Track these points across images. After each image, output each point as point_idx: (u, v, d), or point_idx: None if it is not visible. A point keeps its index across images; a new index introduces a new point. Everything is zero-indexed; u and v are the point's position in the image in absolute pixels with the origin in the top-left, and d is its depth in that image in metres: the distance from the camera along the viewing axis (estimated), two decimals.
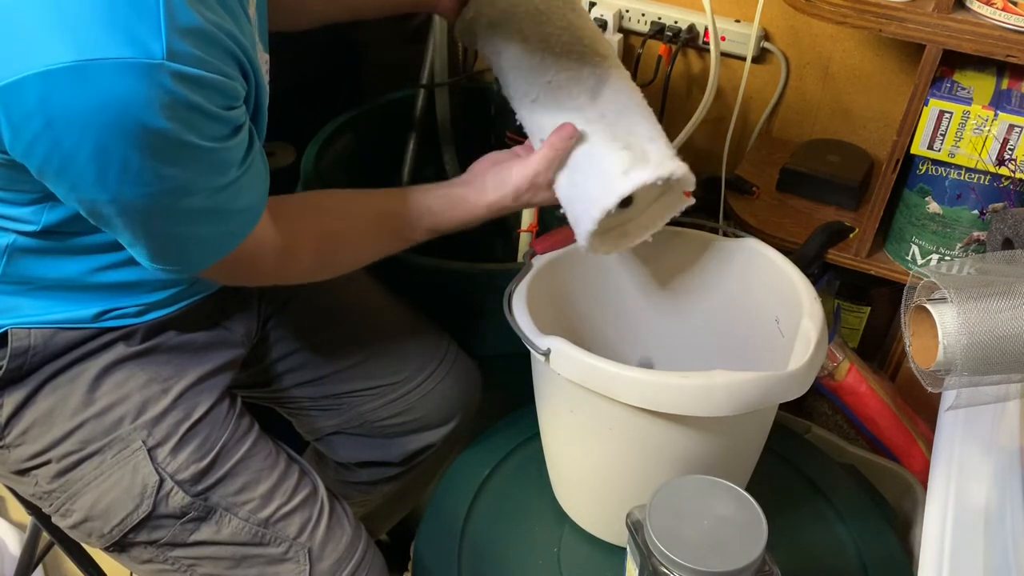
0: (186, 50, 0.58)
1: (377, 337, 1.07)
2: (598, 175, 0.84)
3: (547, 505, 1.00)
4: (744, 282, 0.98)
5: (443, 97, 1.37)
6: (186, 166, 0.63)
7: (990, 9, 0.96)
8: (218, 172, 0.66)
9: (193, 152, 0.62)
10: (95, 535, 0.84)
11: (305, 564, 0.87)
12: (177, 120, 0.59)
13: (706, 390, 0.77)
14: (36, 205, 0.72)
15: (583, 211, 0.85)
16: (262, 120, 0.75)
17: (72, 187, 0.62)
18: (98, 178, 0.60)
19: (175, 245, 0.71)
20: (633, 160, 0.83)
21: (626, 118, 0.87)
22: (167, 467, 0.83)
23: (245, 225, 0.73)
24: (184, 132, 0.60)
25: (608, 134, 0.86)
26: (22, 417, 0.82)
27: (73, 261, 0.78)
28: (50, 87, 0.55)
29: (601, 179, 0.84)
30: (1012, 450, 0.79)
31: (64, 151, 0.59)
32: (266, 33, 0.84)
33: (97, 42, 0.55)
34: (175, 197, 0.64)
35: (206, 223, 0.69)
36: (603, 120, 0.87)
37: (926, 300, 0.69)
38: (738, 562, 0.68)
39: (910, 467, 1.21)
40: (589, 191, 0.85)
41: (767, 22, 1.32)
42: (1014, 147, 0.98)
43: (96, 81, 0.55)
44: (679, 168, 0.83)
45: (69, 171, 0.60)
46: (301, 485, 0.89)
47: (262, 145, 0.75)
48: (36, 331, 0.80)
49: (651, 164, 0.82)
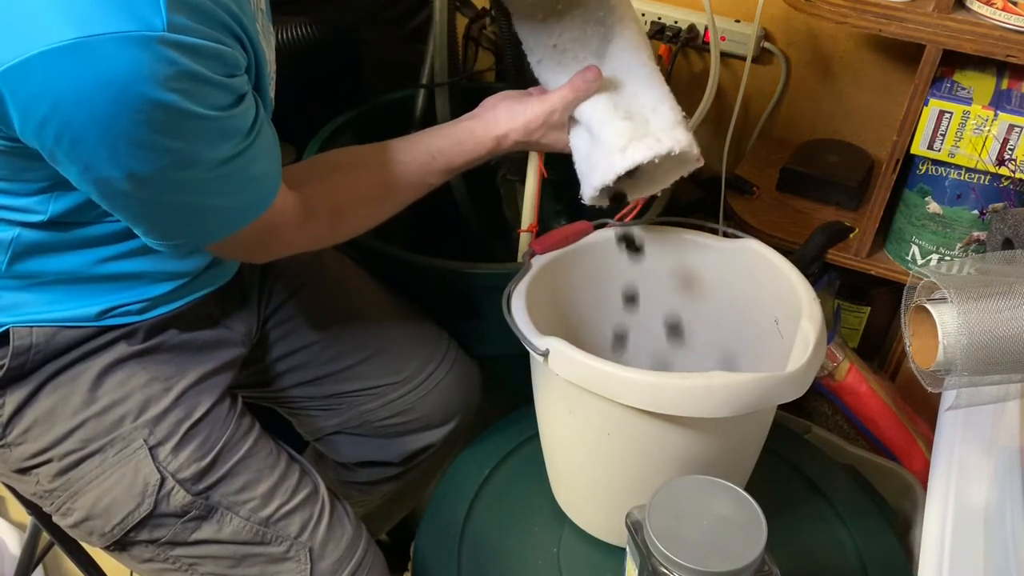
0: (184, 22, 0.58)
1: (377, 337, 1.07)
2: (598, 145, 0.84)
3: (547, 505, 1.00)
4: (743, 283, 0.98)
5: (443, 97, 1.37)
6: (194, 137, 0.63)
7: (990, 9, 0.96)
8: (226, 140, 0.66)
9: (200, 122, 0.62)
10: (96, 534, 0.84)
11: (306, 563, 0.87)
12: (181, 91, 0.59)
13: (704, 391, 0.77)
14: (43, 195, 0.72)
15: (583, 175, 0.86)
16: (265, 93, 0.75)
17: (86, 167, 0.62)
18: (110, 156, 0.60)
19: (194, 217, 0.71)
20: (633, 133, 0.82)
21: (631, 83, 0.86)
22: (168, 466, 0.83)
23: (265, 195, 0.74)
24: (189, 103, 0.60)
25: (611, 101, 0.85)
26: (23, 416, 0.82)
27: (77, 253, 0.78)
28: (54, 66, 0.55)
29: (601, 150, 0.84)
30: (1012, 450, 0.79)
31: (74, 130, 0.59)
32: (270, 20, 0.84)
33: (97, 17, 0.55)
34: (187, 168, 0.65)
35: (223, 193, 0.70)
36: (608, 84, 0.86)
37: (926, 300, 0.69)
38: (738, 562, 0.68)
39: (910, 467, 1.21)
40: (590, 157, 0.85)
41: (767, 22, 1.32)
42: (1014, 147, 0.98)
43: (99, 56, 0.55)
44: (679, 142, 0.82)
45: (81, 150, 0.60)
46: (302, 484, 0.89)
47: (269, 117, 0.76)
48: (38, 329, 0.80)
49: (649, 139, 0.82)
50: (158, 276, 0.83)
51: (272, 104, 0.82)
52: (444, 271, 1.10)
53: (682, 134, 0.83)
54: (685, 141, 0.83)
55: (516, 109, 0.90)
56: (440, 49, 1.32)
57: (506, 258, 1.31)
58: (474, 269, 1.09)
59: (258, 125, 0.70)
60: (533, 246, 0.96)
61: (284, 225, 0.79)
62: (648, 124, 0.83)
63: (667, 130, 0.83)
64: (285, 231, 0.80)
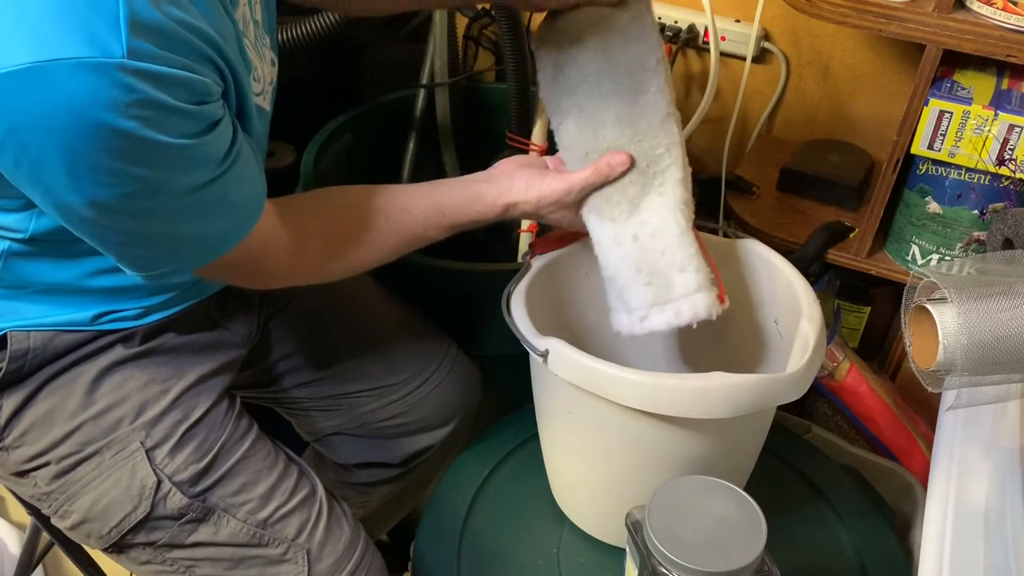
0: (147, 48, 0.56)
1: (377, 338, 1.07)
2: (620, 300, 0.85)
3: (546, 505, 1.00)
4: (743, 283, 0.98)
5: (443, 97, 1.37)
6: (159, 165, 0.61)
7: (990, 9, 0.95)
8: (195, 168, 0.64)
9: (164, 151, 0.60)
10: (93, 536, 0.84)
11: (303, 565, 0.87)
12: (142, 119, 0.57)
13: (703, 392, 0.76)
14: (24, 212, 0.72)
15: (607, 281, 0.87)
16: (249, 116, 0.73)
17: (46, 192, 0.61)
18: (70, 182, 0.59)
19: (167, 246, 0.69)
20: (655, 300, 0.82)
21: (661, 239, 0.83)
22: (165, 468, 0.83)
23: (241, 223, 0.72)
24: (150, 130, 0.58)
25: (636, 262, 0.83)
26: (21, 419, 0.82)
27: (70, 266, 0.78)
28: (11, 89, 0.54)
29: (622, 307, 0.85)
30: (1012, 450, 0.79)
31: (32, 155, 0.58)
32: (273, 30, 0.83)
33: (56, 42, 0.54)
34: (153, 195, 0.63)
35: (196, 220, 0.68)
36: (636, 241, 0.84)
37: (926, 300, 0.69)
38: (737, 562, 0.68)
39: (910, 467, 1.21)
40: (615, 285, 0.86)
41: (767, 22, 1.32)
42: (1014, 147, 0.98)
43: (55, 82, 0.54)
44: (697, 315, 0.81)
45: (41, 175, 0.59)
46: (300, 486, 0.89)
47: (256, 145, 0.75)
48: (35, 334, 0.80)
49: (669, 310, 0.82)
50: (153, 289, 0.83)
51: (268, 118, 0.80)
52: (444, 271, 1.10)
53: (703, 302, 0.81)
54: (704, 310, 0.81)
55: (533, 182, 0.86)
56: (440, 49, 1.32)
57: (506, 258, 1.31)
58: (474, 269, 1.09)
59: (235, 151, 0.68)
60: (533, 246, 0.96)
61: (273, 252, 0.77)
62: (671, 289, 0.82)
63: (689, 297, 0.82)
64: (273, 259, 0.78)
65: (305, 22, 1.20)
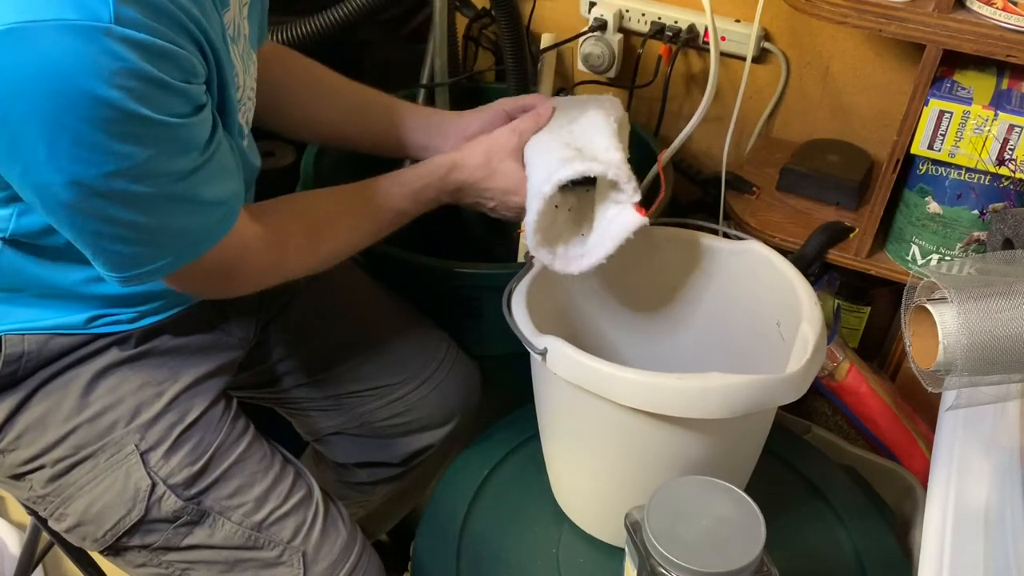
0: (134, 16, 0.55)
1: (377, 338, 1.07)
2: (543, 166, 0.87)
3: (546, 505, 1.00)
4: (744, 284, 0.98)
5: (443, 97, 1.37)
6: (144, 143, 0.59)
7: (990, 9, 0.95)
8: (180, 152, 0.62)
9: (150, 127, 0.58)
10: (89, 539, 0.84)
11: (299, 568, 0.87)
12: (128, 90, 0.55)
13: (702, 392, 0.76)
14: (5, 207, 0.70)
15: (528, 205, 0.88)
16: (233, 116, 0.72)
17: (25, 169, 0.58)
18: (50, 156, 0.57)
19: (144, 240, 0.66)
20: (577, 155, 0.85)
21: (591, 131, 0.90)
22: (160, 471, 0.82)
23: (220, 221, 0.70)
24: (137, 103, 0.56)
25: (563, 140, 0.89)
26: (16, 422, 0.82)
27: (63, 270, 0.77)
28: None
29: (544, 169, 0.86)
30: (1012, 450, 0.79)
31: (12, 125, 0.55)
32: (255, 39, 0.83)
33: (40, 3, 0.52)
34: (136, 180, 0.60)
35: (175, 213, 0.66)
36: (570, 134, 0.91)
37: (926, 300, 0.69)
38: (736, 563, 0.68)
39: (910, 467, 1.21)
40: (533, 184, 0.87)
41: (767, 22, 1.32)
42: (1014, 147, 0.98)
43: (38, 44, 0.52)
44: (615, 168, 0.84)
45: (19, 148, 0.57)
46: (296, 488, 0.89)
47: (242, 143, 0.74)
48: (30, 337, 0.80)
49: (585, 159, 0.85)
50: (149, 295, 0.83)
51: (246, 130, 0.80)
52: (444, 271, 1.10)
53: (622, 166, 0.85)
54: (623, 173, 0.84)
55: (480, 138, 0.92)
56: (440, 49, 1.32)
57: (506, 258, 1.31)
58: (474, 269, 1.09)
59: (215, 142, 0.66)
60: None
61: (254, 252, 0.77)
62: (596, 155, 0.86)
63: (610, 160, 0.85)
64: (254, 258, 0.77)
65: (305, 22, 1.20)
